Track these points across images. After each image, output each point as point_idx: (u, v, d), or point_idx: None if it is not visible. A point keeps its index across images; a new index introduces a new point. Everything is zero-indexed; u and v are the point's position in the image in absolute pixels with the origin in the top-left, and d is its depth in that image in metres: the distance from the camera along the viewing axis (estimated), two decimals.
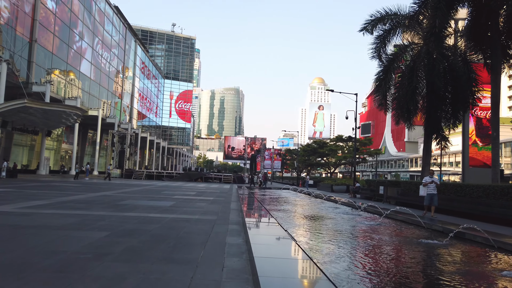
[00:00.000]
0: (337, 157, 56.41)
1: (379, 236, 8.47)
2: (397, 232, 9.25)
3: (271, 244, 6.17)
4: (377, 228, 9.71)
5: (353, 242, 7.64)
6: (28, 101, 27.63)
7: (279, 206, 15.58)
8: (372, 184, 25.32)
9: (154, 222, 8.45)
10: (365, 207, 13.83)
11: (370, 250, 6.88)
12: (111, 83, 57.88)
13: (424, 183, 12.01)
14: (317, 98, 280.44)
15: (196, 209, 11.85)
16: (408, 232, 9.30)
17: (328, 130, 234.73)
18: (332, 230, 9.02)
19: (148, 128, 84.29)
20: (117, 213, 9.76)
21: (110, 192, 18.20)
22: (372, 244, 7.41)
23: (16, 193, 14.55)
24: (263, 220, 9.57)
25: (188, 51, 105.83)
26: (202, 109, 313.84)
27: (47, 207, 10.21)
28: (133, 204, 12.51)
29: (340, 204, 16.73)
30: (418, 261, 6.25)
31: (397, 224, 10.55)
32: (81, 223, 7.69)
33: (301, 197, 23.06)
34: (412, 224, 10.35)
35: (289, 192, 30.03)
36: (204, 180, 47.03)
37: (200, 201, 15.36)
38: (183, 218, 9.39)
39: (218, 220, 9.36)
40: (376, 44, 24.65)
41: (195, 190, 23.73)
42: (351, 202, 16.57)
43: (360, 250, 6.73)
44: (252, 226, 7.58)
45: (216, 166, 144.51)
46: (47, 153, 44.45)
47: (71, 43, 43.17)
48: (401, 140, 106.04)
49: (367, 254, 6.45)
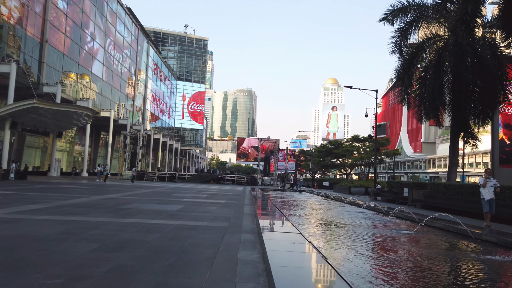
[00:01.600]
0: (353, 158, 54.69)
1: (426, 250, 7.14)
2: (443, 244, 7.91)
3: (295, 264, 4.91)
4: (418, 239, 8.34)
5: (402, 260, 6.34)
6: (37, 102, 27.09)
7: (296, 211, 14.33)
8: (394, 186, 23.78)
9: (155, 230, 7.32)
10: (395, 212, 12.43)
11: (425, 270, 5.58)
12: (123, 84, 57.53)
13: (482, 183, 10.25)
14: (331, 99, 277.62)
15: (205, 214, 10.71)
16: (457, 244, 7.95)
17: (342, 131, 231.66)
18: (368, 244, 7.71)
19: (161, 129, 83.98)
20: (116, 219, 8.68)
21: (116, 194, 17.24)
22: (424, 263, 6.10)
23: (16, 196, 13.69)
24: (281, 228, 8.31)
25: (200, 52, 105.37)
26: (215, 110, 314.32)
27: (40, 212, 9.21)
28: (137, 208, 11.45)
29: (364, 209, 15.31)
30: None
31: (438, 234, 9.16)
32: (70, 232, 6.61)
33: (319, 199, 21.72)
34: (456, 233, 8.95)
35: (305, 194, 28.69)
36: (217, 181, 46.01)
37: (210, 204, 14.23)
38: (190, 226, 8.25)
39: (229, 228, 8.19)
40: (397, 38, 23.21)
41: (206, 192, 22.65)
42: (377, 206, 15.16)
43: (414, 272, 5.43)
44: (270, 237, 6.37)
45: (229, 167, 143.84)
46: (59, 154, 44.18)
47: (83, 43, 42.81)
48: (417, 141, 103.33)
49: (424, 277, 5.15)
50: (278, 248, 5.53)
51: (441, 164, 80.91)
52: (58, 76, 36.91)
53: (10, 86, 27.78)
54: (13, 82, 27.92)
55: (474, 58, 20.24)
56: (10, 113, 26.81)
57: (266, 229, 7.38)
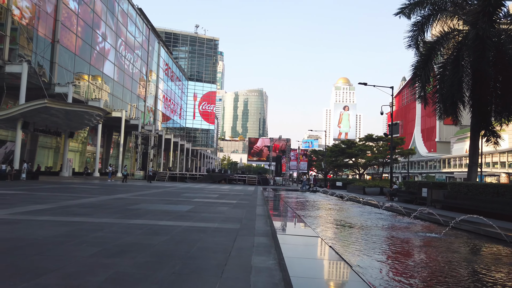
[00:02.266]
0: (366, 158, 53.61)
1: (461, 256, 6.48)
2: (480, 250, 7.22)
3: (317, 275, 4.31)
4: (449, 243, 7.65)
5: (441, 269, 5.71)
6: (48, 101, 27.04)
7: (311, 212, 13.73)
8: (412, 186, 22.94)
9: (162, 233, 6.83)
10: (417, 214, 11.70)
11: (469, 280, 4.95)
12: (134, 85, 57.61)
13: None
14: (342, 99, 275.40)
15: (216, 215, 10.20)
16: (493, 249, 7.26)
17: (353, 131, 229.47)
18: (395, 249, 7.09)
19: (172, 130, 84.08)
20: (122, 220, 8.23)
21: (126, 194, 16.89)
22: (464, 271, 5.46)
23: (23, 196, 13.42)
24: (298, 230, 7.72)
25: (211, 52, 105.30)
26: (226, 111, 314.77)
27: (44, 213, 8.83)
28: (145, 209, 11.01)
29: (383, 210, 14.58)
30: None
31: (469, 237, 8.46)
32: (70, 235, 6.17)
33: (334, 200, 21.04)
34: (488, 236, 8.23)
35: (318, 194, 28.01)
36: (228, 181, 45.59)
37: (221, 204, 13.72)
38: (199, 228, 7.74)
39: (241, 230, 7.65)
40: (414, 31, 22.38)
41: (217, 193, 22.18)
42: (397, 207, 14.41)
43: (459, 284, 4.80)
44: (286, 240, 5.80)
45: (240, 167, 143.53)
46: (71, 155, 44.35)
47: (94, 44, 42.87)
48: (431, 140, 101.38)
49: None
50: (296, 254, 4.95)
51: (456, 164, 79.05)
52: (70, 76, 36.96)
53: (22, 86, 27.80)
54: (25, 82, 27.93)
55: (495, 52, 19.32)
56: (21, 113, 26.82)
57: (281, 232, 6.83)
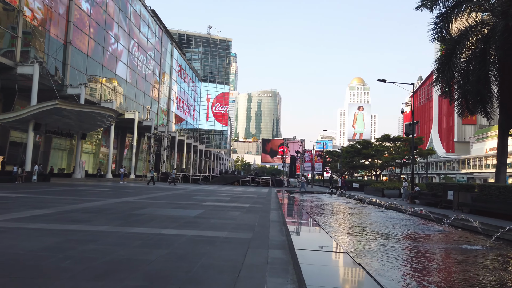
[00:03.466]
0: (383, 158, 52.05)
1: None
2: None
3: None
4: (503, 261, 6.60)
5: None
6: (59, 102, 26.75)
7: (330, 217, 12.73)
8: (435, 187, 21.63)
9: (163, 245, 5.98)
10: (451, 222, 10.54)
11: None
12: (147, 86, 57.43)
13: None
14: (357, 99, 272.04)
15: (226, 222, 9.32)
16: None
17: (368, 131, 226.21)
18: (439, 266, 6.07)
19: (185, 131, 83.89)
20: (122, 228, 7.43)
21: (134, 197, 16.20)
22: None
23: (26, 200, 12.83)
24: (318, 242, 6.71)
25: (224, 53, 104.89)
26: (239, 112, 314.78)
27: (39, 219, 8.11)
28: (151, 214, 10.22)
29: (409, 215, 13.38)
30: None
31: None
32: (57, 247, 5.37)
33: (352, 203, 19.93)
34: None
35: (334, 197, 26.88)
36: (241, 183, 44.77)
37: (233, 209, 12.85)
38: (206, 238, 6.86)
39: (253, 241, 6.74)
40: (438, 24, 21.11)
41: (229, 195, 21.34)
42: (424, 212, 13.21)
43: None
44: (306, 257, 4.86)
45: (254, 169, 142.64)
46: (85, 156, 44.30)
47: (107, 45, 42.71)
48: (450, 141, 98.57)
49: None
50: (321, 280, 3.98)
51: (476, 165, 76.46)
52: (82, 77, 36.78)
53: (33, 87, 27.58)
54: (36, 84, 27.70)
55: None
56: (33, 114, 26.58)
57: (299, 244, 5.89)
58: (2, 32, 27.33)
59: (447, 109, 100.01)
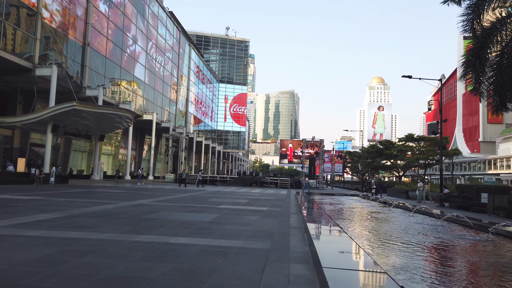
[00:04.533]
0: (407, 159, 50.20)
1: None
2: None
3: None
4: None
5: None
6: (76, 104, 26.67)
7: (357, 223, 11.78)
8: (466, 190, 20.25)
9: (169, 257, 5.24)
10: (499, 230, 9.39)
11: None
12: (165, 88, 57.46)
13: None
14: (376, 98, 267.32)
15: (242, 228, 8.55)
16: None
17: (389, 131, 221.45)
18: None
19: (203, 132, 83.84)
20: (127, 236, 6.76)
21: (148, 200, 15.65)
22: None
23: (37, 202, 12.43)
24: (348, 255, 5.74)
25: (242, 54, 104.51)
26: (257, 113, 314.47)
27: (42, 225, 7.55)
28: (162, 218, 9.56)
29: (445, 221, 12.19)
30: None
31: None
32: (48, 260, 4.72)
33: (377, 207, 18.81)
34: None
35: (358, 200, 25.71)
36: (259, 184, 43.96)
37: (250, 213, 12.07)
38: (218, 248, 6.09)
39: (272, 252, 5.93)
40: (468, 16, 19.74)
41: (247, 197, 20.59)
42: (461, 217, 12.04)
43: None
44: (336, 277, 4.02)
45: (272, 170, 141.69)
46: (105, 158, 44.52)
47: (125, 47, 42.80)
48: (474, 140, 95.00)
49: None
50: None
51: (503, 165, 73.15)
52: (101, 79, 36.86)
53: (52, 89, 27.62)
54: (54, 85, 27.74)
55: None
56: (51, 116, 26.59)
57: (325, 258, 5.05)
58: (26, 36, 27.48)
59: (471, 108, 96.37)
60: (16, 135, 31.40)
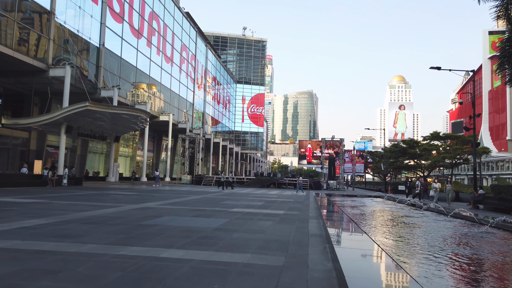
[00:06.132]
0: (432, 158, 47.77)
1: None
2: None
3: None
4: None
5: None
6: (90, 104, 26.14)
7: (386, 228, 10.36)
8: (504, 191, 18.39)
9: (151, 280, 4.08)
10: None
11: None
12: (182, 89, 56.94)
13: None
14: (397, 98, 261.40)
15: (252, 237, 7.33)
16: None
17: (410, 131, 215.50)
18: None
19: (221, 133, 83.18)
20: (112, 248, 5.65)
21: (157, 203, 14.65)
22: None
23: (34, 206, 11.60)
24: (384, 278, 4.42)
25: (259, 54, 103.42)
26: (276, 114, 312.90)
27: (21, 234, 6.56)
28: (163, 225, 8.45)
29: (492, 227, 10.58)
30: None
31: None
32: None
33: (406, 210, 17.22)
34: None
35: (383, 202, 24.06)
36: (277, 186, 42.66)
37: (264, 217, 10.85)
38: (218, 265, 4.89)
39: (285, 271, 4.69)
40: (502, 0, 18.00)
41: (263, 199, 19.36)
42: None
43: None
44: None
45: (291, 171, 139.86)
46: (122, 160, 44.25)
47: (140, 47, 42.36)
48: (502, 139, 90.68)
49: None
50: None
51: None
52: (116, 80, 36.49)
53: (65, 89, 27.23)
54: (68, 86, 27.34)
55: None
56: (64, 116, 26.15)
57: (355, 281, 3.79)
58: (39, 37, 27.18)
59: (498, 105, 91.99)
60: (33, 137, 31.27)
